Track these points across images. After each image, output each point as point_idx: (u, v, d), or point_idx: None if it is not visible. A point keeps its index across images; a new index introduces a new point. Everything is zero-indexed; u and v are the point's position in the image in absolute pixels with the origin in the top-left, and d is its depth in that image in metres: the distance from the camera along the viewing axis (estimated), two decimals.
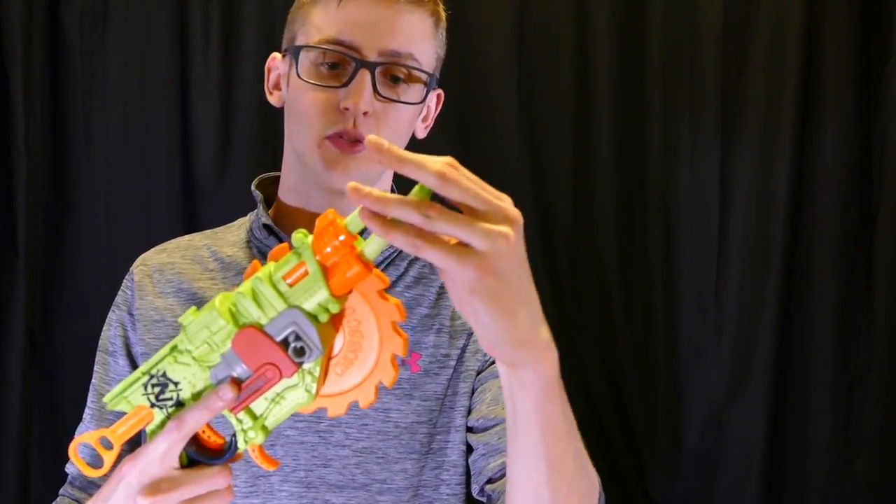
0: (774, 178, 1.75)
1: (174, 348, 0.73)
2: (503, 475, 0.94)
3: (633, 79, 1.78)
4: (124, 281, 1.07)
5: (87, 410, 1.07)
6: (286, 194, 1.06)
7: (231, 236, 1.09)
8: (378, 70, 0.95)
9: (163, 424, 0.73)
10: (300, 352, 0.68)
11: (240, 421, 0.73)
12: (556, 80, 1.77)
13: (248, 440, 0.73)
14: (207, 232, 1.12)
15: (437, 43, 1.02)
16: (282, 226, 1.04)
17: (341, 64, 0.96)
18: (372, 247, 0.65)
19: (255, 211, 1.08)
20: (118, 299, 1.07)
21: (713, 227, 1.77)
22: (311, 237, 0.66)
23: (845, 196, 1.76)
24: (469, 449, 1.02)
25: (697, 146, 1.77)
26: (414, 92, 0.99)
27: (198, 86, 1.72)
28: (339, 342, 0.72)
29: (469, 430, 1.02)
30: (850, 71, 1.75)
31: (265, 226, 1.03)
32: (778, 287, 1.74)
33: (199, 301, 1.02)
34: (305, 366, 0.69)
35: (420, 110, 1.03)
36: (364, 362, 0.71)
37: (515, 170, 1.77)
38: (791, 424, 1.77)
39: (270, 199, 1.08)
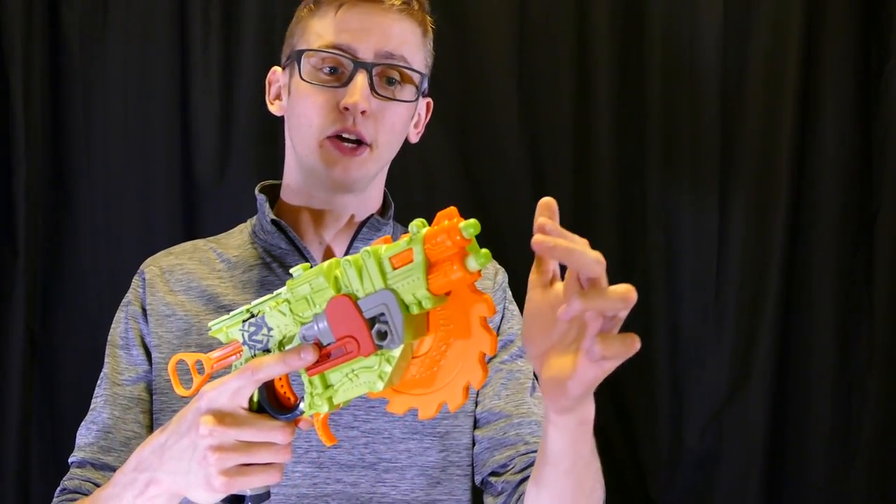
0: (774, 177, 1.75)
1: (278, 295, 0.76)
2: (508, 468, 1.03)
3: (633, 79, 1.78)
4: (134, 280, 1.14)
5: (97, 399, 1.10)
6: (288, 195, 1.14)
7: (234, 240, 1.17)
8: (374, 71, 1.02)
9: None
10: (382, 335, 0.69)
11: (312, 385, 0.75)
12: (556, 80, 1.77)
13: (313, 406, 0.75)
14: (209, 238, 1.19)
15: (426, 51, 1.11)
16: (286, 223, 1.12)
17: (340, 68, 1.03)
18: (479, 261, 0.67)
19: (257, 215, 1.16)
20: (128, 297, 1.13)
21: (713, 228, 1.77)
22: (426, 228, 0.68)
23: (845, 196, 1.75)
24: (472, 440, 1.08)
25: (697, 146, 1.77)
26: (407, 92, 1.06)
27: (198, 86, 1.72)
28: (427, 343, 0.72)
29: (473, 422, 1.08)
30: (851, 71, 1.75)
31: (273, 221, 1.10)
32: (778, 287, 1.74)
33: (208, 297, 1.09)
34: (384, 350, 0.70)
35: (413, 112, 1.10)
36: (452, 363, 0.71)
37: (515, 169, 1.76)
38: (791, 424, 1.77)
39: (272, 202, 1.16)
